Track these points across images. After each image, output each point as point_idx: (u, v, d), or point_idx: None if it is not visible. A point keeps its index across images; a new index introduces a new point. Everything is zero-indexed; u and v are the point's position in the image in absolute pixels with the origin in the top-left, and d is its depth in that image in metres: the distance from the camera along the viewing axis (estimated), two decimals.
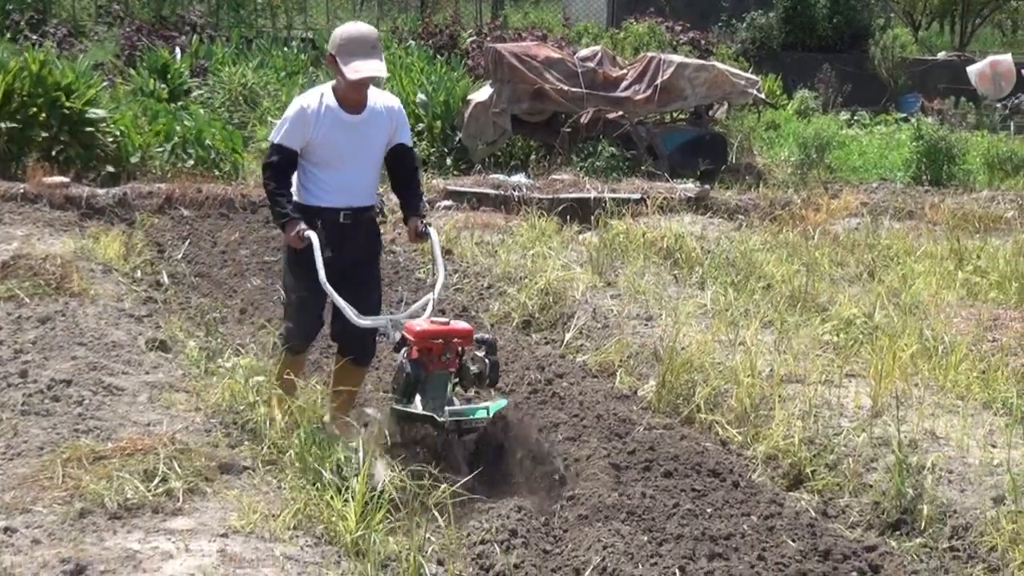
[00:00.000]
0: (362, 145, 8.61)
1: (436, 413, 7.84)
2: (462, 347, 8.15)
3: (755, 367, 10.24)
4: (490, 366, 8.14)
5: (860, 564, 7.39)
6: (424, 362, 7.97)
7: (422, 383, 8.00)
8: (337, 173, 8.57)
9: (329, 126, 8.47)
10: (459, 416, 8.01)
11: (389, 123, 8.69)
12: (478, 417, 8.06)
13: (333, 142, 8.50)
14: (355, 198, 8.66)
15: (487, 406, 8.13)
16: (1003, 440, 8.92)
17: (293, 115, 8.51)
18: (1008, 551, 7.35)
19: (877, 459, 8.66)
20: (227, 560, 6.83)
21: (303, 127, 8.46)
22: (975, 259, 15.22)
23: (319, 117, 8.46)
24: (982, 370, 10.57)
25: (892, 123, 27.27)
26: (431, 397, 7.98)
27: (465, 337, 8.11)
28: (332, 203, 8.58)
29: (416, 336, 7.98)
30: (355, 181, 8.65)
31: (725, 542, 7.51)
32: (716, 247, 15.21)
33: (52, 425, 8.60)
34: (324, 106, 8.48)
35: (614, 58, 22.19)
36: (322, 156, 8.52)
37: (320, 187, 8.58)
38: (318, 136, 8.46)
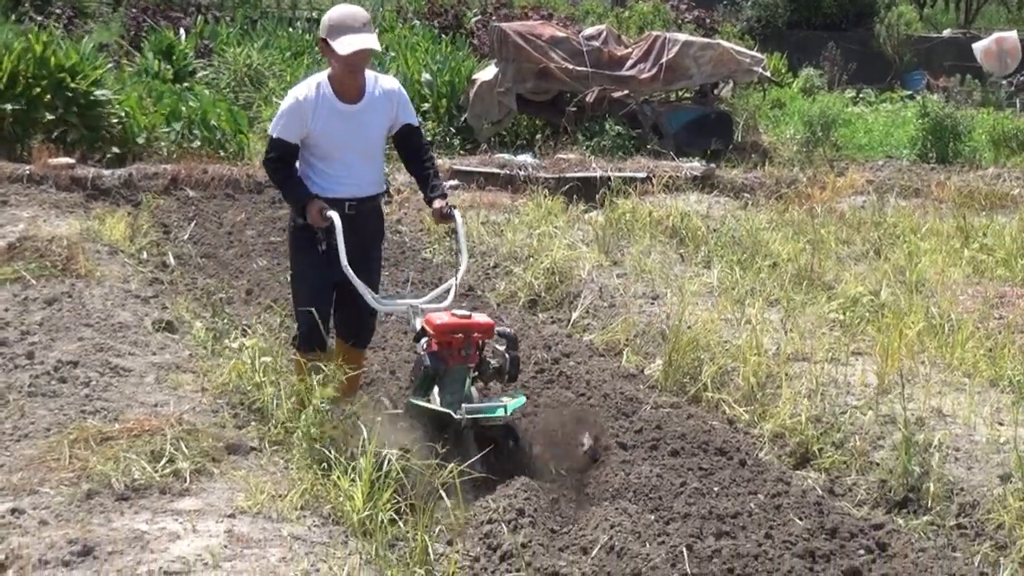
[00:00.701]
0: (362, 134, 8.41)
1: (453, 409, 7.65)
2: (482, 341, 7.97)
3: (761, 345, 10.24)
4: (510, 361, 7.98)
5: (867, 542, 7.38)
6: (443, 356, 7.77)
7: (440, 377, 7.82)
8: (339, 164, 8.40)
9: (327, 117, 8.27)
10: (476, 414, 7.74)
11: (389, 107, 8.49)
12: (495, 415, 7.80)
13: (332, 133, 8.31)
14: (359, 188, 8.49)
15: (504, 404, 7.85)
16: (1010, 418, 8.92)
17: (288, 108, 8.32)
18: (1015, 528, 7.35)
19: (884, 437, 8.66)
20: (234, 540, 6.83)
21: (300, 119, 8.27)
22: (981, 237, 15.21)
23: (316, 108, 8.25)
24: (989, 348, 10.57)
25: (898, 101, 27.25)
26: (449, 392, 7.80)
27: (486, 331, 7.92)
28: (336, 194, 8.37)
29: (436, 329, 7.79)
30: (358, 171, 8.47)
31: (732, 520, 7.51)
32: (722, 225, 15.21)
33: (59, 406, 8.61)
34: (320, 96, 8.27)
35: (619, 37, 22.18)
36: (322, 148, 8.36)
37: (323, 179, 8.41)
38: (316, 128, 8.27)
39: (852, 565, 7.07)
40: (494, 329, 7.93)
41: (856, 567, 7.05)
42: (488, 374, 8.03)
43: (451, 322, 7.76)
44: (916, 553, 7.28)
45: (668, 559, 6.78)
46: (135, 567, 6.45)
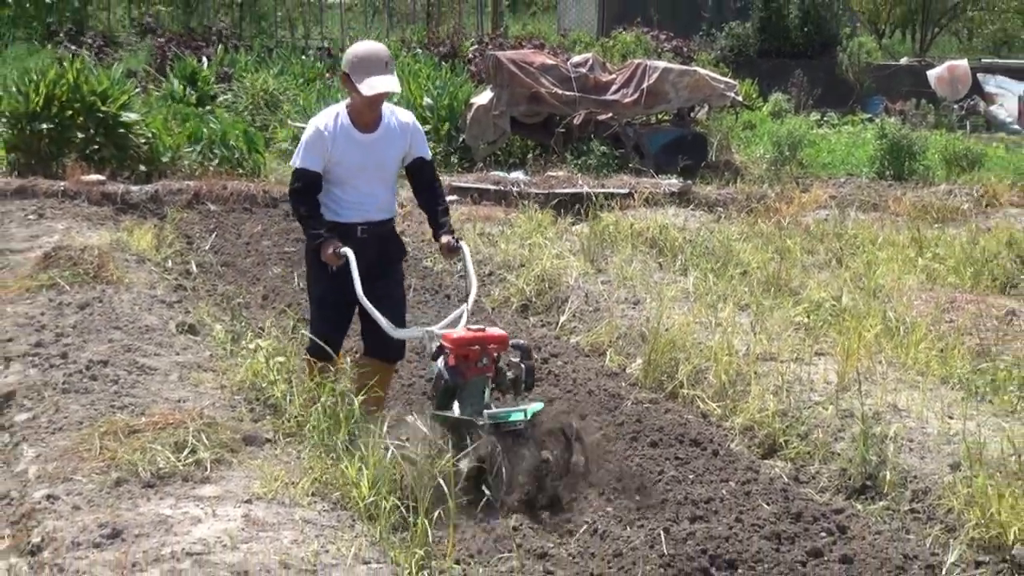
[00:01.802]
0: (377, 163, 8.24)
1: (475, 417, 7.48)
2: (498, 353, 7.77)
3: (732, 346, 10.25)
4: (526, 371, 7.83)
5: (829, 525, 7.41)
6: (461, 369, 7.61)
7: (460, 389, 7.65)
8: (353, 190, 8.23)
9: (344, 145, 8.11)
10: (497, 419, 7.50)
11: (403, 139, 8.33)
12: (515, 419, 7.55)
13: (348, 161, 8.14)
14: (372, 213, 8.31)
15: (524, 409, 7.62)
16: (959, 412, 8.94)
17: (310, 138, 8.16)
18: (964, 512, 7.37)
19: (844, 430, 8.67)
20: (251, 524, 6.84)
21: (321, 148, 8.10)
22: (934, 247, 15.23)
23: (335, 137, 8.09)
24: (940, 349, 10.58)
25: (858, 123, 27.27)
26: (469, 403, 7.62)
27: (501, 343, 7.74)
28: (350, 219, 8.23)
29: (453, 344, 7.62)
30: (371, 197, 8.29)
31: (706, 506, 7.54)
32: (697, 237, 15.21)
33: (90, 402, 8.61)
34: (339, 126, 8.12)
35: (604, 64, 22.17)
36: (338, 174, 8.18)
37: (338, 204, 8.24)
38: (334, 155, 8.10)
39: (815, 546, 7.10)
40: (508, 341, 7.78)
41: (818, 548, 7.08)
42: (505, 384, 7.84)
43: (467, 336, 7.61)
44: (873, 535, 7.30)
45: (647, 541, 6.81)
46: (160, 548, 6.46)
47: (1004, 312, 12.26)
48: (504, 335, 7.75)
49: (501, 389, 7.88)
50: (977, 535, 7.18)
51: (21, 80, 17.68)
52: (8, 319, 10.74)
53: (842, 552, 7.00)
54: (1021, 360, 10.24)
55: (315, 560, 6.42)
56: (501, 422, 7.42)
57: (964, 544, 7.14)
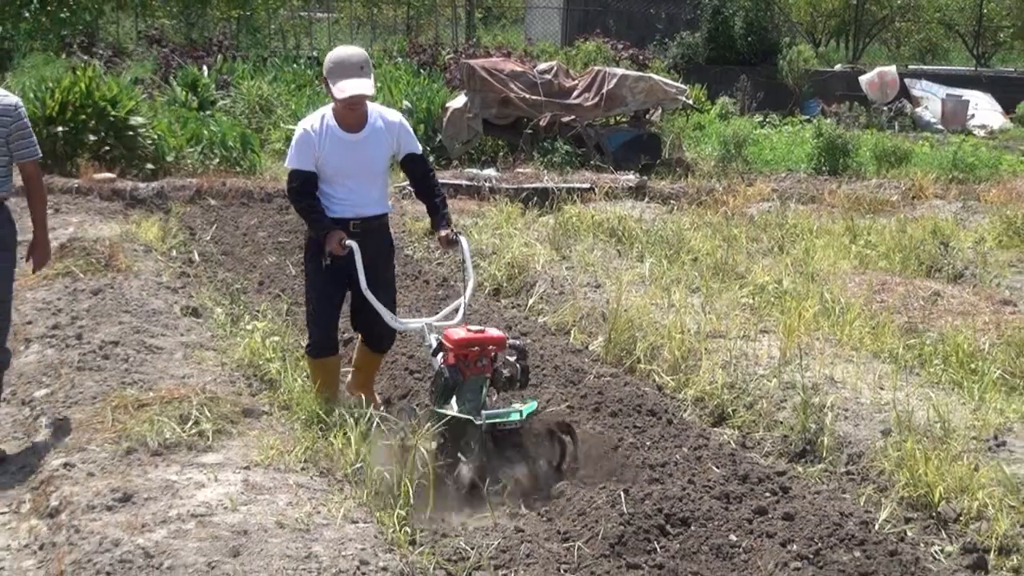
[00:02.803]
0: (363, 161, 7.95)
1: (473, 416, 7.21)
2: (496, 353, 7.49)
3: (685, 325, 10.25)
4: (521, 371, 7.53)
5: (773, 486, 7.42)
6: (461, 367, 7.35)
7: (459, 387, 7.38)
8: (343, 188, 7.95)
9: (331, 145, 7.85)
10: (495, 419, 7.23)
11: (390, 138, 8.05)
12: (512, 420, 7.28)
13: (335, 160, 7.88)
14: (363, 209, 8.02)
15: (520, 409, 7.37)
16: (890, 383, 8.97)
17: (298, 139, 7.92)
18: (894, 474, 7.40)
19: (786, 400, 8.69)
20: (249, 488, 6.83)
21: (310, 148, 7.85)
22: (866, 235, 15.27)
23: (321, 138, 7.85)
24: (872, 326, 10.61)
25: (797, 124, 27.29)
26: (467, 400, 7.35)
27: (499, 344, 7.45)
28: (342, 214, 7.95)
29: (454, 344, 7.36)
30: (361, 194, 8.00)
31: (661, 469, 7.54)
32: (652, 227, 15.22)
33: (103, 379, 8.61)
34: (325, 127, 7.88)
35: (567, 71, 22.16)
36: (327, 173, 7.91)
37: (329, 200, 7.96)
38: (322, 155, 7.85)
39: (760, 505, 7.10)
40: (506, 341, 7.51)
41: (763, 506, 7.08)
42: (501, 383, 7.53)
43: (467, 337, 7.36)
44: (812, 495, 7.31)
45: (608, 501, 6.80)
46: (167, 510, 6.46)
47: (929, 293, 12.29)
48: (502, 336, 7.49)
49: (498, 387, 7.59)
50: (906, 494, 7.21)
51: (38, 87, 17.69)
52: (28, 304, 10.72)
53: (785, 510, 7.01)
54: (945, 336, 10.27)
55: (308, 520, 6.41)
56: (498, 422, 7.19)
57: (895, 502, 7.16)
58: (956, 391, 8.96)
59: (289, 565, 5.85)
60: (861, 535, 6.66)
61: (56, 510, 6.69)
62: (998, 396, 8.78)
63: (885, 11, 38.83)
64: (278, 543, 6.12)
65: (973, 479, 7.12)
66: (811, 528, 6.76)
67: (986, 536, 6.67)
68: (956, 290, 12.69)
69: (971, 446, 7.69)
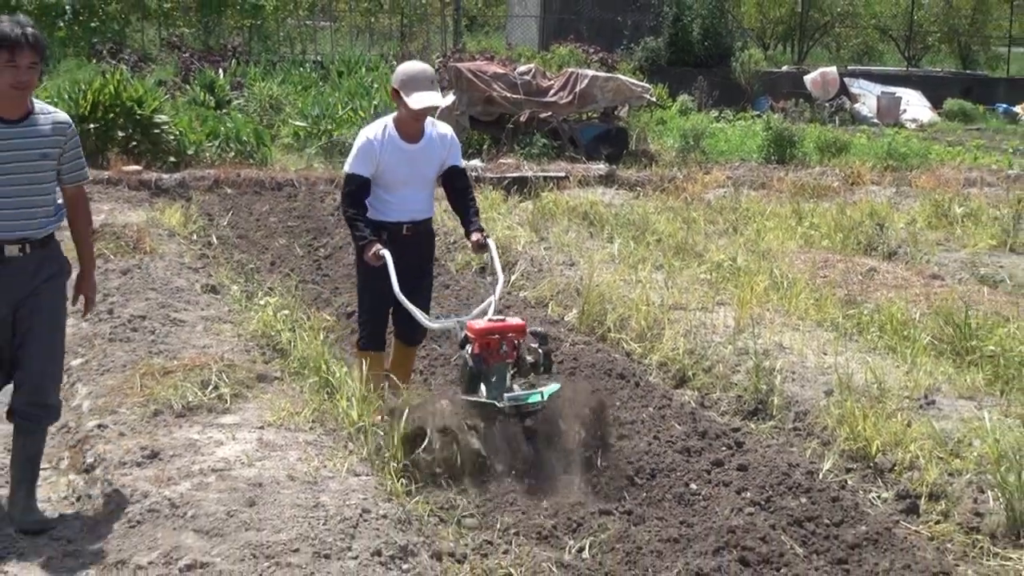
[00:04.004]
0: (419, 169, 7.66)
1: (497, 400, 6.89)
2: (518, 340, 7.17)
3: (650, 299, 10.27)
4: (543, 356, 7.21)
5: (728, 441, 7.44)
6: (485, 356, 7.04)
7: (485, 375, 7.05)
8: (398, 194, 7.63)
9: (391, 154, 7.53)
10: (517, 401, 6.93)
11: (443, 149, 7.74)
12: (534, 401, 6.96)
13: (395, 168, 7.56)
14: (414, 213, 7.73)
15: (541, 391, 7.03)
16: (832, 349, 8.99)
17: (361, 146, 7.60)
18: (836, 429, 7.43)
19: (740, 364, 8.71)
20: (264, 445, 6.84)
21: (371, 156, 7.52)
22: (810, 217, 15.27)
23: (383, 146, 7.52)
24: (816, 299, 10.63)
25: (749, 118, 27.26)
26: (493, 387, 7.01)
27: (519, 331, 7.16)
28: (396, 219, 7.66)
29: (476, 333, 7.06)
30: (414, 199, 7.70)
31: (630, 426, 7.56)
32: (620, 211, 15.22)
33: (132, 349, 8.60)
34: (387, 136, 7.55)
35: (544, 73, 22.10)
36: (386, 179, 7.58)
37: (385, 205, 7.64)
38: (383, 162, 7.52)
39: (717, 458, 7.13)
40: (526, 329, 7.24)
41: (720, 459, 7.11)
42: (525, 368, 7.21)
43: (489, 326, 7.08)
44: (764, 449, 7.34)
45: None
46: (190, 466, 6.46)
47: (866, 269, 12.32)
48: (522, 324, 7.23)
49: (522, 372, 7.24)
50: (847, 447, 7.23)
51: (72, 89, 17.63)
52: None
53: (739, 462, 7.03)
54: (880, 307, 10.29)
55: (315, 474, 6.42)
56: (521, 404, 6.93)
57: (836, 455, 7.19)
58: (890, 356, 8.98)
59: (299, 513, 5.86)
60: (807, 484, 6.69)
61: (91, 466, 6.69)
62: (928, 360, 8.80)
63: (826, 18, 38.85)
64: (289, 494, 6.13)
65: (906, 434, 7.15)
66: (763, 478, 6.79)
67: (917, 484, 6.70)
68: (890, 266, 12.72)
69: (904, 404, 7.72)
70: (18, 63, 5.67)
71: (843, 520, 6.26)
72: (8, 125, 5.87)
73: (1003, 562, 5.92)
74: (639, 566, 5.80)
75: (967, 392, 8.06)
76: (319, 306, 10.67)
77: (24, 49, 5.65)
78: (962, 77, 37.15)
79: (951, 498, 6.54)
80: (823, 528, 6.19)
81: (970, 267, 12.77)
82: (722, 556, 5.82)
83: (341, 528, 5.72)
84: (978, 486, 6.54)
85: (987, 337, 9.17)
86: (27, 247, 5.93)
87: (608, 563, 5.85)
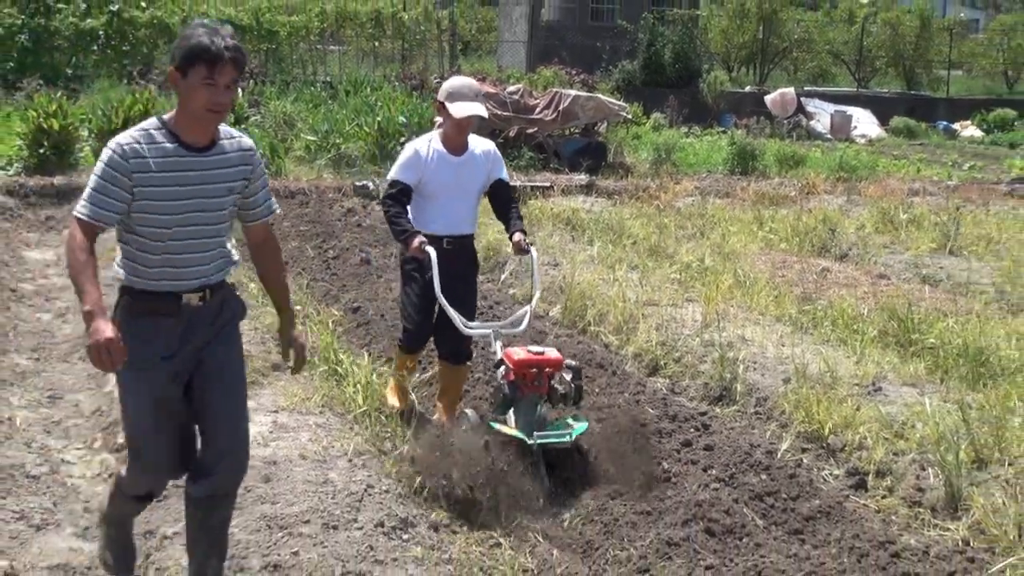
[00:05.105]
0: (463, 182, 7.15)
1: (527, 435, 6.44)
2: (553, 373, 6.70)
3: (626, 296, 10.27)
4: (575, 389, 6.77)
5: (696, 424, 7.44)
6: (519, 385, 6.60)
7: (516, 402, 6.63)
8: (441, 206, 7.17)
9: (437, 165, 7.12)
10: (546, 440, 6.47)
11: (486, 163, 7.30)
12: (563, 441, 6.52)
13: (439, 179, 7.13)
14: (457, 227, 7.19)
15: (571, 431, 6.58)
16: (789, 341, 9.01)
17: (408, 156, 7.14)
18: (793, 413, 7.43)
19: (707, 355, 8.71)
20: (277, 427, 6.84)
21: (416, 165, 7.11)
22: (770, 223, 15.29)
23: (428, 158, 7.12)
24: (775, 296, 10.64)
25: (715, 134, 27.32)
26: (523, 414, 6.59)
27: (556, 365, 6.71)
28: (438, 231, 7.07)
29: (515, 364, 6.60)
30: (457, 212, 7.18)
31: (608, 410, 7.53)
32: (599, 217, 15.22)
33: None
34: (432, 149, 7.15)
35: (531, 92, 22.09)
36: (430, 189, 7.15)
37: (428, 217, 7.16)
38: (427, 174, 7.11)
39: (686, 438, 7.13)
40: (563, 363, 6.78)
41: (689, 440, 7.11)
42: (556, 399, 6.79)
43: (527, 358, 6.62)
44: (728, 430, 7.34)
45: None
46: None
47: (820, 269, 12.34)
48: (560, 359, 6.76)
49: (553, 403, 6.84)
50: (802, 429, 7.24)
51: (105, 107, 17.61)
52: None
53: (706, 443, 7.03)
54: (833, 303, 10.31)
55: (324, 453, 6.42)
56: (548, 443, 6.48)
57: (793, 436, 7.20)
58: (842, 347, 8.99)
59: (310, 488, 5.87)
60: (767, 462, 6.69)
61: (121, 446, 6.66)
62: (875, 351, 8.82)
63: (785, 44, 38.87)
64: (301, 471, 6.13)
65: (855, 417, 7.16)
66: (727, 456, 6.79)
67: (866, 462, 6.72)
68: (842, 267, 12.74)
69: (854, 391, 7.73)
70: (216, 81, 4.32)
71: (799, 495, 6.27)
72: (194, 154, 4.49)
73: (942, 532, 5.93)
74: (616, 536, 5.81)
75: (910, 380, 8.07)
76: (328, 302, 10.65)
77: (225, 65, 4.31)
78: (907, 97, 37.25)
79: (896, 475, 6.55)
80: (781, 502, 6.19)
81: (913, 268, 12.81)
82: (690, 527, 5.82)
83: (348, 502, 5.73)
84: (920, 464, 6.56)
85: (928, 331, 9.20)
86: (207, 293, 4.72)
87: (588, 533, 5.86)
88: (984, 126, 33.24)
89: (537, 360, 6.59)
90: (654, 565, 5.47)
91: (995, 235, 14.85)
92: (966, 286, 11.75)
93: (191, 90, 4.34)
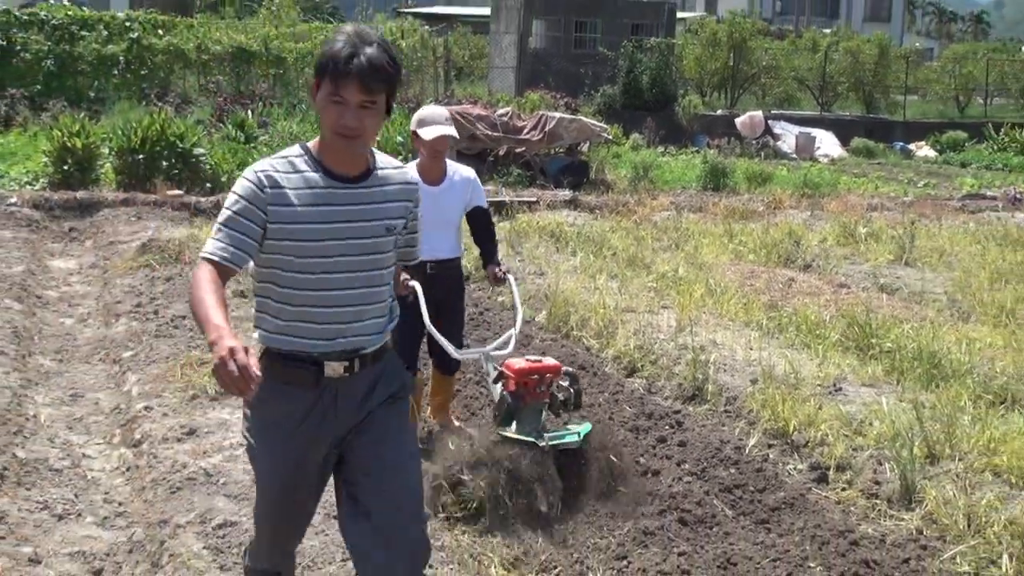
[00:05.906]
0: (441, 211, 6.88)
1: (536, 439, 6.18)
2: (552, 379, 6.52)
3: (606, 303, 10.28)
4: (574, 394, 6.57)
5: (671, 421, 7.45)
6: (521, 394, 6.35)
7: (519, 411, 6.36)
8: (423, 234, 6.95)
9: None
10: (556, 441, 6.23)
11: (465, 191, 7.08)
12: (571, 441, 6.28)
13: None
14: (438, 253, 6.90)
15: (578, 431, 6.37)
16: (756, 345, 9.03)
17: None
18: (760, 412, 7.44)
19: (680, 357, 8.71)
20: None
21: None
22: (739, 236, 15.31)
23: None
24: (744, 303, 10.66)
25: (689, 154, 27.34)
26: (527, 423, 6.31)
27: (556, 372, 6.47)
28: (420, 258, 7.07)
29: (516, 373, 6.34)
30: (438, 240, 6.85)
31: (588, 409, 7.55)
32: (582, 230, 15.23)
33: (174, 343, 8.57)
34: None
35: (519, 115, 22.08)
36: None
37: None
38: None
39: (661, 435, 7.15)
40: (561, 369, 6.55)
41: (664, 436, 7.13)
42: (556, 405, 6.53)
43: (527, 366, 6.38)
44: (700, 428, 7.35)
45: None
46: (222, 441, 6.46)
47: (786, 279, 12.36)
48: (558, 365, 6.55)
49: (554, 410, 6.58)
50: (769, 427, 7.25)
51: (125, 126, 17.56)
52: (117, 288, 10.67)
53: (679, 439, 7.05)
54: (797, 310, 10.33)
55: None
56: (557, 444, 6.25)
57: (760, 433, 7.20)
58: (805, 351, 9.01)
59: None
60: (735, 457, 6.71)
61: (139, 441, 6.67)
62: (836, 354, 8.84)
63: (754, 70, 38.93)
64: None
65: (817, 415, 7.17)
66: (699, 452, 6.80)
67: (827, 457, 6.73)
68: (806, 277, 12.76)
69: (816, 391, 7.75)
70: (345, 99, 3.37)
71: (765, 487, 6.28)
72: (344, 185, 3.56)
73: (897, 522, 5.95)
74: (595, 526, 5.82)
75: (869, 381, 8.10)
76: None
77: (351, 82, 3.34)
78: (866, 120, 37.32)
79: (855, 469, 6.57)
80: (749, 494, 6.21)
81: (872, 278, 12.84)
82: (665, 517, 5.84)
83: None
84: (877, 459, 6.58)
85: (885, 335, 9.22)
86: (356, 363, 3.62)
87: (571, 523, 5.87)
88: (938, 147, 33.30)
89: (538, 368, 6.40)
90: (631, 552, 5.49)
91: (947, 248, 14.90)
92: (920, 295, 11.79)
93: (321, 108, 3.46)
